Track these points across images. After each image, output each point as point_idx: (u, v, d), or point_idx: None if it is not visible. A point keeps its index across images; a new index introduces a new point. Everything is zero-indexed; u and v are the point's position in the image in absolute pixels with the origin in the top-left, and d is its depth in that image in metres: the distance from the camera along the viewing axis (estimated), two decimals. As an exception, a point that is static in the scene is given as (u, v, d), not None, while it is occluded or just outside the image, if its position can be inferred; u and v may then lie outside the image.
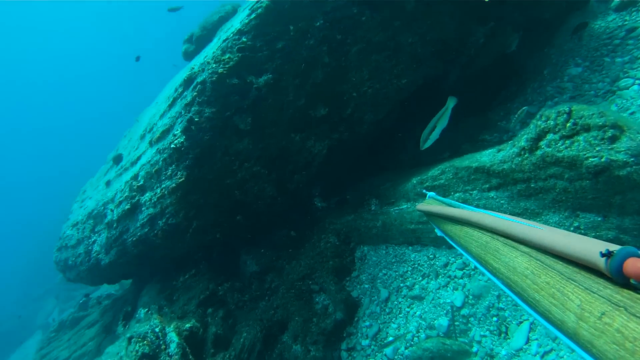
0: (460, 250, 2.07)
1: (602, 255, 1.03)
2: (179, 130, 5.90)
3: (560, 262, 1.24)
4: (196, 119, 5.73)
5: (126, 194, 7.48)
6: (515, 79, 8.05)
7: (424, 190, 3.40)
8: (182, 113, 5.99)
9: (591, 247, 1.11)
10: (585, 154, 3.55)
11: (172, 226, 6.52)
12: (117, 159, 9.72)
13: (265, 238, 7.53)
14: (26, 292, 33.60)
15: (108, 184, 9.43)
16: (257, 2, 5.91)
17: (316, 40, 5.93)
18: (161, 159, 6.39)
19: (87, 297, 13.83)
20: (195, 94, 5.82)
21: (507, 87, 8.11)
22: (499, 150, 4.48)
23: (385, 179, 6.73)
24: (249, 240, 7.65)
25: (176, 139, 5.89)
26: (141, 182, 7.03)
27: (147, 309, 7.84)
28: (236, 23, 6.17)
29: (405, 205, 5.79)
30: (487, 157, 4.61)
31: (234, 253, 7.79)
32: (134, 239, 7.37)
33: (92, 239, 9.47)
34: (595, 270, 1.10)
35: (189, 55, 10.87)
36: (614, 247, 1.02)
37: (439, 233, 2.58)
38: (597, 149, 3.49)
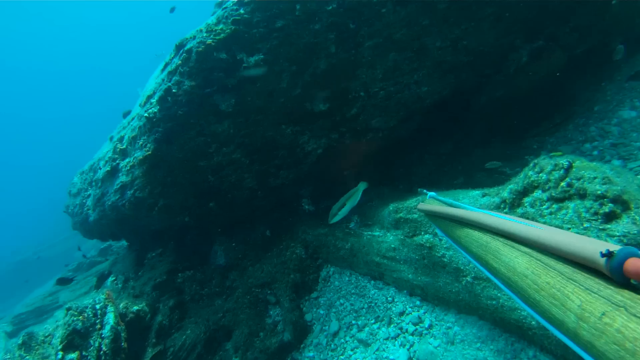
0: (460, 251, 2.05)
1: (603, 255, 1.02)
2: (156, 98, 5.36)
3: (561, 262, 1.23)
4: (174, 90, 5.16)
5: (110, 154, 7.11)
6: (564, 110, 6.97)
7: (424, 190, 3.12)
8: (165, 80, 5.43)
9: (591, 247, 1.10)
10: (569, 228, 2.60)
11: (139, 199, 6.05)
12: (126, 115, 9.38)
13: (242, 231, 6.92)
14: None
15: (111, 139, 9.13)
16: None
17: (323, 25, 5.15)
18: (138, 126, 5.91)
19: (79, 249, 13.88)
20: (179, 62, 5.22)
21: (551, 118, 7.04)
22: (483, 195, 3.56)
23: (378, 194, 5.88)
24: (226, 230, 7.08)
25: (151, 108, 5.36)
26: (124, 146, 6.59)
27: (114, 278, 7.51)
28: (242, -9, 5.50)
29: (378, 233, 4.94)
30: (469, 199, 3.69)
31: (209, 240, 7.25)
32: (109, 203, 7.00)
33: (88, 192, 9.25)
34: (595, 270, 1.10)
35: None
36: (614, 247, 1.02)
37: (439, 233, 2.57)
38: (585, 225, 2.55)
